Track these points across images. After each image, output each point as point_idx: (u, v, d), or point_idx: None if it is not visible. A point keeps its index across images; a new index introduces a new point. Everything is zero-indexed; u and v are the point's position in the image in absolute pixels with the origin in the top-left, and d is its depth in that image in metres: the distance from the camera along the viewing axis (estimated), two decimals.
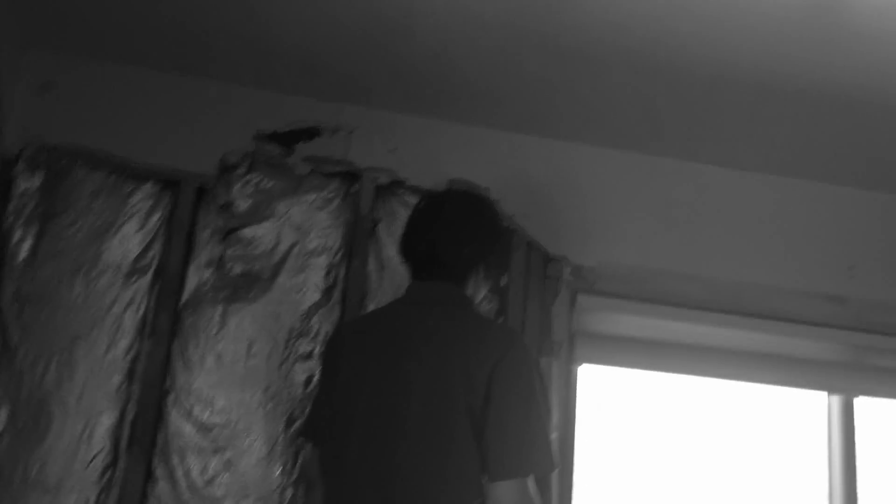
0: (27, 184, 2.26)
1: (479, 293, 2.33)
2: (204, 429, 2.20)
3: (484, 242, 1.91)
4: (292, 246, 2.37)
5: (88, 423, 2.15)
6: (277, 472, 2.21)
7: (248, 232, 2.36)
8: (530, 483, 1.66)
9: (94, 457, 2.14)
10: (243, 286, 2.32)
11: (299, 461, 2.21)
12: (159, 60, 2.38)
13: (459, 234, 1.87)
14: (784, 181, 2.70)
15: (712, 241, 2.61)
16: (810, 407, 2.77)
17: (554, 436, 2.27)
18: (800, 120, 2.38)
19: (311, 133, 2.46)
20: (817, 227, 2.69)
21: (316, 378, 2.23)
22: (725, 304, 2.53)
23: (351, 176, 2.44)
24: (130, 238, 2.30)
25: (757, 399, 2.75)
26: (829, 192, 2.72)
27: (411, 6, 2.04)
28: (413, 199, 2.32)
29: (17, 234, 2.23)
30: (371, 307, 2.31)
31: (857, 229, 2.71)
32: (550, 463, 1.70)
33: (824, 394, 2.76)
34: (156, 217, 2.32)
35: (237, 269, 2.33)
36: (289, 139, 2.44)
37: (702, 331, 2.54)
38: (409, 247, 1.91)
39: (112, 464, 2.15)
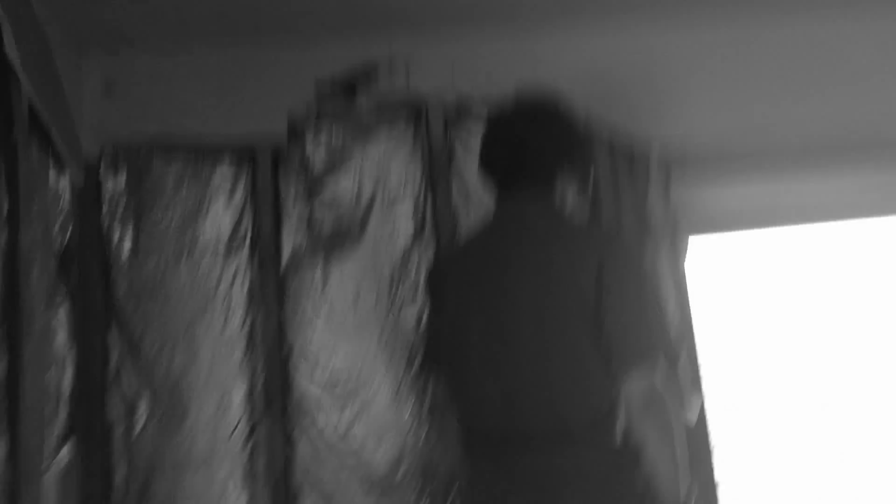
0: (113, 185, 2.34)
1: (569, 197, 2.27)
2: (329, 384, 2.26)
3: (563, 144, 1.86)
4: (375, 192, 2.37)
5: (221, 398, 2.24)
6: (408, 413, 2.25)
7: (329, 186, 2.37)
8: (658, 372, 1.63)
9: (234, 429, 2.23)
10: (337, 241, 2.34)
11: (427, 396, 2.24)
12: (207, 37, 2.39)
13: (537, 140, 1.83)
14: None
15: (796, 81, 2.46)
16: None
17: (673, 322, 2.22)
18: None
19: (369, 72, 2.42)
20: None
21: (425, 315, 2.24)
22: (829, 146, 2.39)
23: (417, 106, 2.40)
24: (221, 216, 2.34)
25: (876, 237, 2.61)
26: None
27: None
28: (483, 116, 2.27)
29: (116, 235, 2.32)
30: (464, 236, 2.30)
31: None
32: (674, 347, 1.67)
33: None
34: (240, 190, 2.36)
35: (327, 225, 2.35)
36: (348, 84, 2.42)
37: (806, 176, 2.41)
38: (489, 163, 1.87)
39: (252, 432, 2.23)
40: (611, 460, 1.62)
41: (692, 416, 2.21)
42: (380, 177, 2.37)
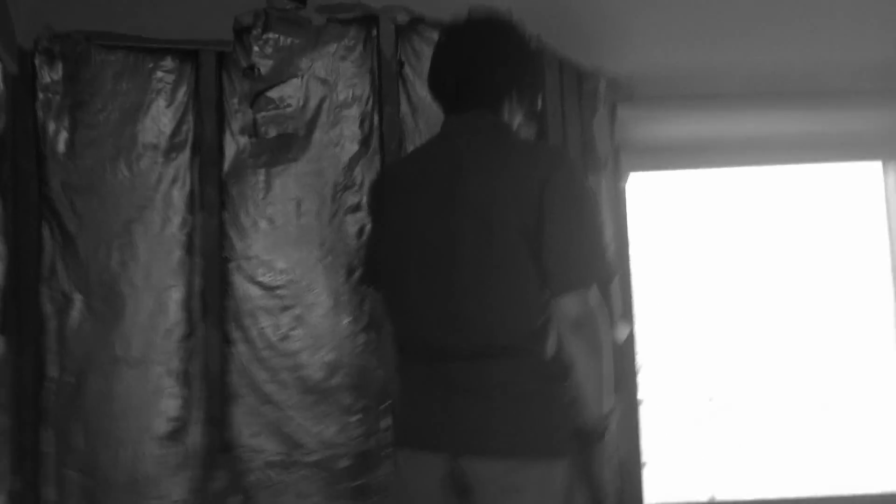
0: (49, 75, 2.26)
1: (516, 119, 2.28)
2: (270, 289, 2.27)
3: (513, 65, 1.85)
4: (322, 100, 2.35)
5: (159, 298, 2.24)
6: (346, 321, 2.29)
7: (275, 93, 2.34)
8: (592, 293, 1.69)
9: (172, 329, 2.24)
10: (281, 147, 2.32)
11: (365, 307, 2.28)
12: None
13: (487, 59, 1.81)
14: None
15: (749, 27, 2.48)
16: (865, 181, 2.75)
17: (610, 248, 2.29)
18: None
19: None
20: None
21: (367, 226, 2.27)
22: (771, 89, 2.45)
23: (368, 19, 2.36)
24: (161, 115, 2.30)
25: (811, 180, 2.72)
26: None
27: None
28: (435, 35, 2.24)
29: (51, 128, 2.25)
30: (410, 150, 2.31)
31: None
32: (610, 271, 1.72)
33: (879, 164, 2.71)
34: (182, 91, 2.31)
35: (272, 131, 2.32)
36: None
37: (749, 119, 2.48)
38: (438, 81, 1.86)
39: (190, 333, 2.25)
40: (541, 371, 1.68)
41: (621, 337, 2.31)
42: (327, 84, 2.34)
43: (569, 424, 1.70)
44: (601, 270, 1.71)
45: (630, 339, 2.35)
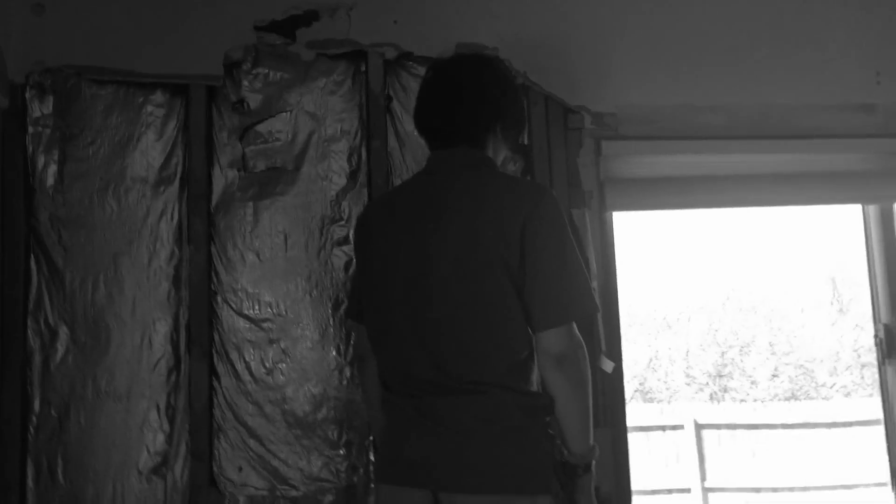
0: (40, 109, 2.28)
1: (501, 154, 2.31)
2: (256, 322, 2.28)
3: (498, 102, 1.88)
4: (310, 134, 2.37)
5: (145, 331, 2.24)
6: (332, 354, 2.29)
7: (264, 127, 2.36)
8: (574, 328, 1.70)
9: (158, 362, 2.24)
10: (269, 181, 2.34)
11: (351, 340, 2.28)
12: None
13: (472, 96, 1.84)
14: None
15: (731, 68, 2.53)
16: (846, 222, 2.76)
17: (594, 284, 2.31)
18: None
19: (309, 17, 2.40)
20: (838, 36, 2.59)
21: (354, 260, 2.28)
22: (751, 129, 2.49)
23: (357, 55, 2.40)
24: (151, 149, 2.31)
25: (793, 220, 2.75)
26: None
27: None
28: (423, 70, 2.28)
29: (40, 161, 2.26)
30: (397, 184, 2.33)
31: (880, 34, 2.61)
32: (592, 306, 1.73)
33: (859, 207, 2.74)
34: (172, 124, 2.33)
35: (260, 164, 2.34)
36: (289, 27, 2.39)
37: (730, 160, 2.51)
38: (424, 118, 1.89)
39: (175, 366, 2.25)
40: (524, 406, 1.68)
41: (607, 369, 2.31)
42: (316, 118, 2.37)
43: (552, 459, 1.70)
44: (583, 305, 1.72)
45: (617, 370, 2.35)
